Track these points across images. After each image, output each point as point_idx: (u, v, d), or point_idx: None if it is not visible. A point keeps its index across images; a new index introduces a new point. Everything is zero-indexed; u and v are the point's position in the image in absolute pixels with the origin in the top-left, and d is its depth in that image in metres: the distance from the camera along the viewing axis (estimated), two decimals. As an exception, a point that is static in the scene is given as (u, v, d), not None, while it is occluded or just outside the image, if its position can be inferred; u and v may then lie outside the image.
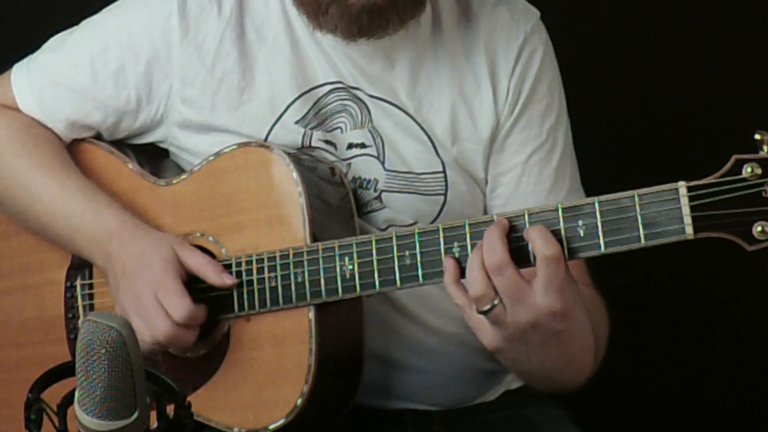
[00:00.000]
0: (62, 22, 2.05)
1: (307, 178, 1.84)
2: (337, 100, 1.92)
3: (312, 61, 1.93)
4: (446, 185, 1.93)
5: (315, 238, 1.81)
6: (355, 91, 1.92)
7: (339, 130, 1.92)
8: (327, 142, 1.92)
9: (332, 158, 1.92)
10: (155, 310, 1.81)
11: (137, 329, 1.78)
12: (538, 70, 1.96)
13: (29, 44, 2.05)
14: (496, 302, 1.66)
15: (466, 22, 1.96)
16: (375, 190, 1.92)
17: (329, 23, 1.85)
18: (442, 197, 1.93)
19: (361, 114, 1.93)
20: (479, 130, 1.94)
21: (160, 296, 1.82)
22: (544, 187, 1.95)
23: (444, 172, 1.92)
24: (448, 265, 1.71)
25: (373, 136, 1.92)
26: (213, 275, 1.83)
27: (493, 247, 1.66)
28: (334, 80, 1.92)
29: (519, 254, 1.67)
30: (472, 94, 1.94)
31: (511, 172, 1.95)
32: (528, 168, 1.95)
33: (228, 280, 1.83)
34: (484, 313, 1.67)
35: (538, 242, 1.64)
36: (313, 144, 1.92)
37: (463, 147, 1.93)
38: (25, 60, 2.03)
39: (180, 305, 1.81)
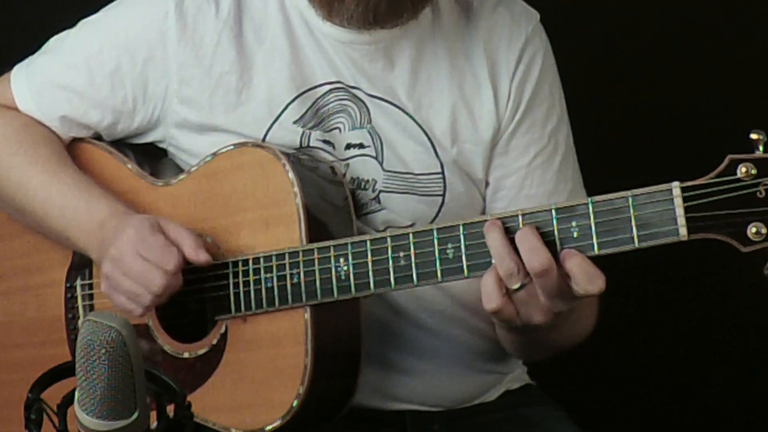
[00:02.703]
0: (62, 23, 2.05)
1: (306, 178, 1.84)
2: (336, 100, 1.93)
3: (311, 61, 1.93)
4: (444, 186, 1.93)
5: (311, 239, 1.81)
6: (354, 91, 1.92)
7: (337, 131, 1.93)
8: (325, 142, 1.92)
9: (331, 158, 1.92)
10: (142, 265, 1.81)
11: (128, 290, 1.81)
12: (539, 72, 1.96)
13: (29, 44, 2.06)
14: (526, 281, 1.67)
15: (466, 21, 1.96)
16: (373, 191, 1.92)
17: (344, 12, 1.85)
18: (440, 198, 1.93)
19: (360, 114, 1.93)
20: (480, 131, 1.94)
21: (143, 251, 1.81)
22: (547, 189, 1.95)
23: (442, 173, 1.92)
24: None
25: (371, 137, 1.93)
26: (189, 248, 1.83)
27: (533, 248, 1.66)
28: (334, 80, 1.92)
29: None
30: (473, 94, 1.94)
31: (514, 174, 1.96)
32: (531, 171, 1.95)
33: (202, 256, 1.83)
34: (515, 291, 1.68)
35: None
36: (311, 144, 1.92)
37: (463, 148, 1.93)
38: (25, 61, 2.04)
39: (167, 254, 1.81)
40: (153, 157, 2.02)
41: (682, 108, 2.68)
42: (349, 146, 1.93)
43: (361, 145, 1.93)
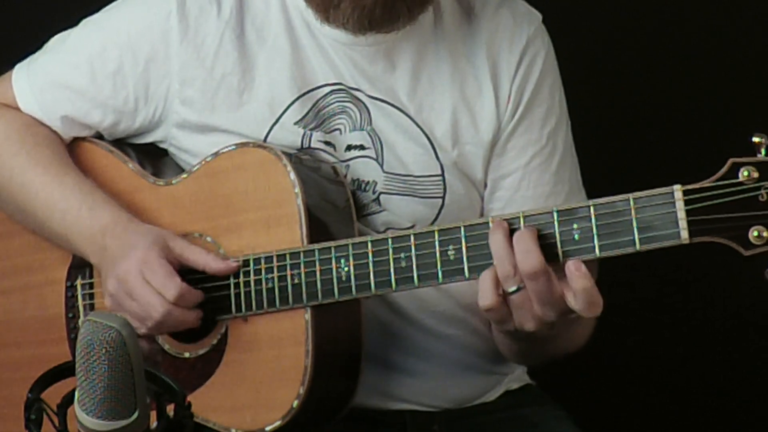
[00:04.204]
0: (62, 23, 2.05)
1: (308, 179, 1.84)
2: (336, 102, 1.93)
3: (312, 62, 1.93)
4: (444, 188, 1.93)
5: (312, 240, 1.81)
6: (355, 93, 1.92)
7: (338, 132, 1.92)
8: (326, 143, 1.92)
9: (332, 160, 1.92)
10: (145, 289, 1.81)
11: (132, 311, 1.81)
12: (540, 74, 1.96)
13: (29, 44, 2.06)
14: (521, 285, 1.67)
15: (468, 23, 1.96)
16: (373, 192, 1.92)
17: (340, 17, 1.85)
18: (440, 200, 1.92)
19: (361, 116, 1.93)
20: (481, 133, 1.94)
21: (147, 275, 1.82)
22: (544, 191, 1.95)
23: (442, 175, 1.92)
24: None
25: (372, 138, 1.92)
26: (214, 262, 1.83)
27: (528, 251, 1.65)
28: (334, 81, 1.92)
29: None
30: (474, 96, 1.94)
31: (511, 175, 1.96)
32: (528, 172, 1.95)
33: (234, 263, 1.83)
34: (510, 294, 1.68)
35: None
36: (312, 145, 1.92)
37: (464, 150, 1.93)
38: (27, 60, 2.04)
39: (169, 283, 1.81)
40: (154, 157, 2.02)
41: (684, 110, 2.68)
42: (349, 148, 1.93)
43: (361, 147, 1.93)
